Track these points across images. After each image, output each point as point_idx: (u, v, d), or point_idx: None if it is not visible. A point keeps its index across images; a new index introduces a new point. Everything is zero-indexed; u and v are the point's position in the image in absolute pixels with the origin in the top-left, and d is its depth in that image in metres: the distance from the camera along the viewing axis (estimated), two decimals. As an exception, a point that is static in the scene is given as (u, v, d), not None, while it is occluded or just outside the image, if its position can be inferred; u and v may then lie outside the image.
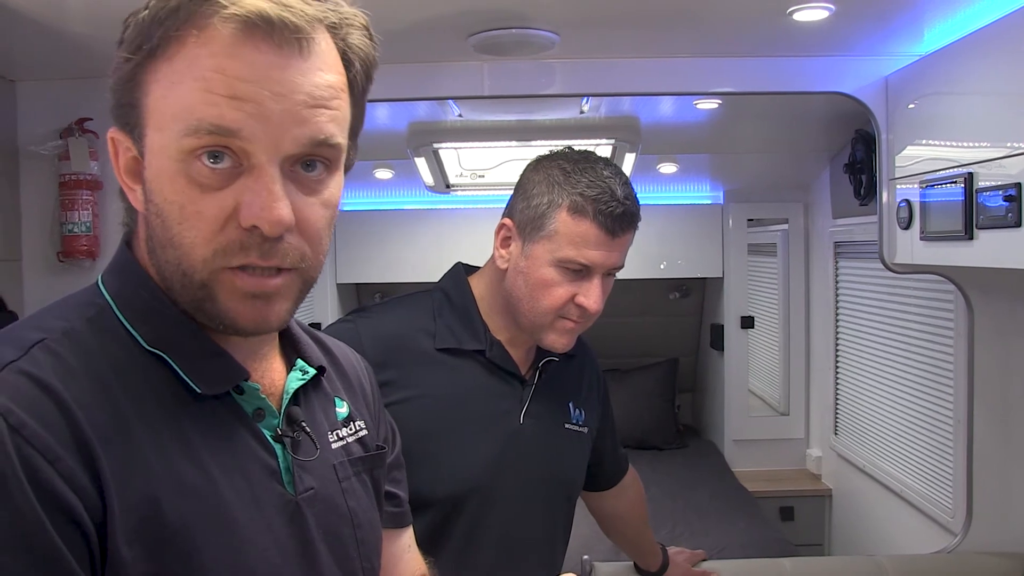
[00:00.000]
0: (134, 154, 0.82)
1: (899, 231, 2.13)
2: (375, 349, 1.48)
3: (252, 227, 0.78)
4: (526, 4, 1.78)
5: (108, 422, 0.76)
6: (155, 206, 0.80)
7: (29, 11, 1.72)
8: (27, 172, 2.26)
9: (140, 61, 0.79)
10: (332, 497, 0.94)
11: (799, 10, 1.79)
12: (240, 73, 0.76)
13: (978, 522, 2.29)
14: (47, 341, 0.77)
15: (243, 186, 0.78)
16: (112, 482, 0.73)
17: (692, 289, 4.58)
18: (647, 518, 2.04)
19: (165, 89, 0.78)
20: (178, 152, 0.77)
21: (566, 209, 1.45)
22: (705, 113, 2.94)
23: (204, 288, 0.81)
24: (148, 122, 0.80)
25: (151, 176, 0.80)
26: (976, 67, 1.84)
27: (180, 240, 0.79)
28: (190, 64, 0.77)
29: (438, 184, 3.56)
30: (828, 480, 3.81)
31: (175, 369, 0.83)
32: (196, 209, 0.78)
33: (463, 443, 1.52)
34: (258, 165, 0.78)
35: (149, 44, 0.78)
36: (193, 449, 0.81)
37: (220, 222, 0.78)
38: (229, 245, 0.79)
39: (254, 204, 0.78)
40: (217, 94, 0.76)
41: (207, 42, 0.76)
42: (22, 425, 0.70)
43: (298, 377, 0.95)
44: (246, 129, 0.76)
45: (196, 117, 0.76)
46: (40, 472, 0.70)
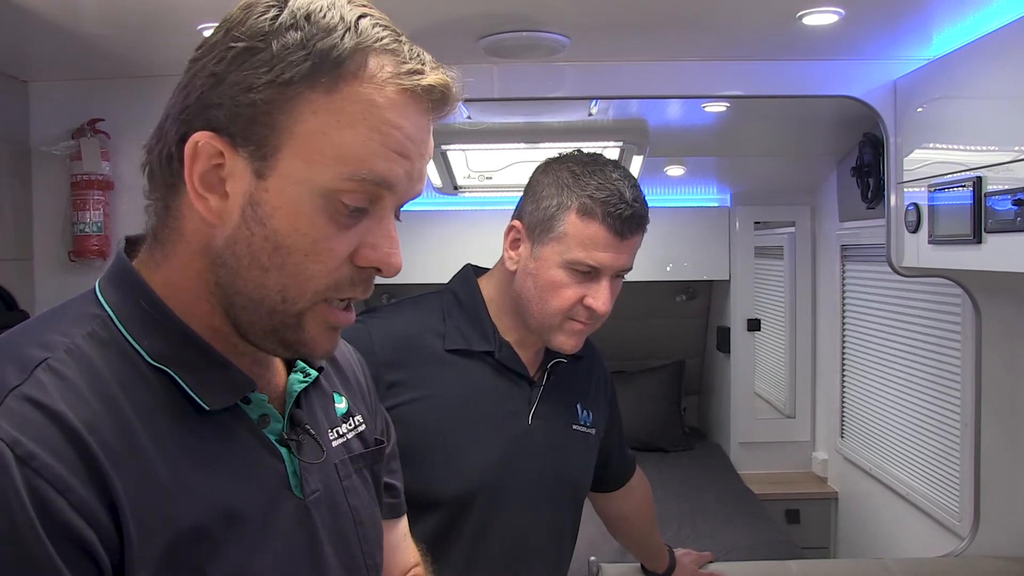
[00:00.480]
0: (221, 163, 0.79)
1: (907, 234, 2.13)
2: (386, 349, 1.49)
3: (368, 267, 0.82)
4: (537, 8, 1.79)
5: (118, 443, 0.74)
6: (270, 231, 0.79)
7: (43, 12, 1.73)
8: (39, 172, 2.28)
9: (303, 89, 0.77)
10: (335, 497, 0.94)
11: (808, 14, 1.80)
12: (411, 134, 0.81)
13: (985, 526, 2.29)
14: (50, 361, 0.75)
15: (367, 228, 0.82)
16: (127, 504, 0.72)
17: (699, 291, 4.58)
18: (654, 519, 2.04)
19: (326, 125, 0.78)
20: (329, 190, 0.78)
21: (575, 211, 1.45)
22: (713, 116, 2.95)
23: (297, 317, 0.82)
24: (288, 147, 0.78)
25: (276, 202, 0.79)
26: (985, 71, 1.85)
27: (298, 270, 0.80)
28: (366, 112, 0.78)
29: (446, 186, 3.57)
30: (834, 483, 3.81)
31: (180, 384, 0.81)
32: (329, 247, 0.80)
33: (471, 443, 1.53)
34: (384, 212, 0.82)
35: (323, 77, 0.77)
36: (203, 461, 0.80)
37: (343, 260, 0.81)
38: (342, 282, 0.82)
39: (380, 248, 0.82)
40: (391, 150, 0.79)
41: (388, 97, 0.79)
42: (31, 456, 0.69)
43: (300, 379, 0.95)
44: (400, 185, 0.82)
45: (368, 167, 0.79)
46: (51, 503, 0.68)
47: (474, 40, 1.94)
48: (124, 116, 2.26)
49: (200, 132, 0.79)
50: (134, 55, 2.04)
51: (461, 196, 3.71)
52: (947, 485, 2.67)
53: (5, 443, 0.68)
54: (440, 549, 1.47)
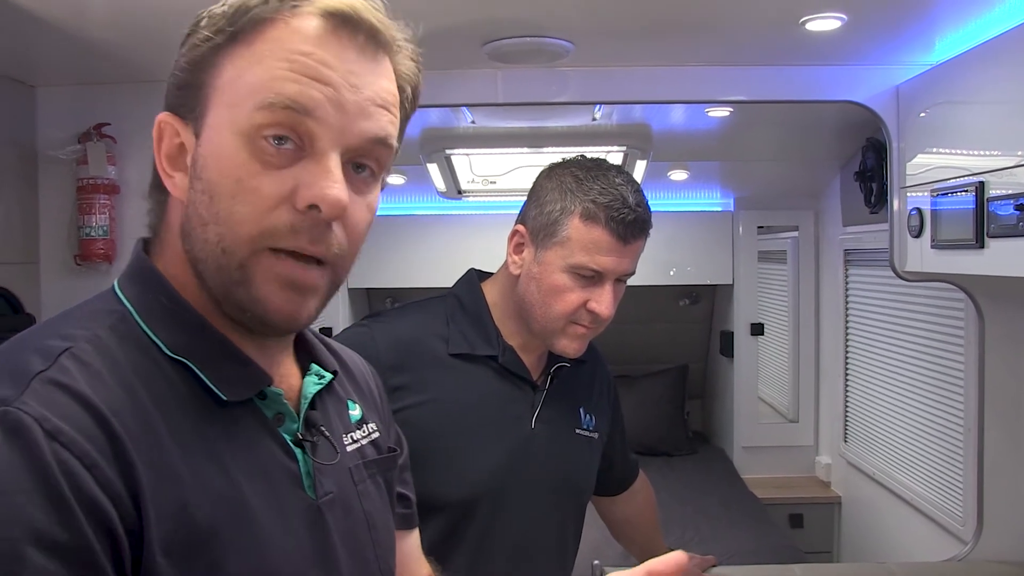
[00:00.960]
0: (181, 140, 0.83)
1: (910, 239, 2.13)
2: (390, 353, 1.49)
3: (308, 208, 0.79)
4: (541, 13, 1.79)
5: (139, 429, 0.75)
6: (204, 182, 0.80)
7: (50, 17, 1.74)
8: (45, 176, 2.29)
9: (220, 43, 0.81)
10: (349, 500, 0.94)
11: (811, 20, 1.80)
12: (324, 59, 0.80)
13: (989, 530, 2.29)
14: (73, 350, 0.76)
15: (303, 168, 0.80)
16: (147, 489, 0.73)
17: (702, 296, 4.58)
18: (658, 523, 2.05)
19: (242, 69, 0.80)
20: (248, 125, 0.79)
21: (578, 216, 1.46)
22: (716, 120, 2.96)
23: (241, 269, 0.80)
24: (213, 100, 0.81)
25: (206, 152, 0.81)
26: (987, 76, 1.85)
27: (228, 215, 0.79)
28: (275, 46, 0.79)
29: (450, 190, 3.58)
30: (837, 487, 3.81)
31: (198, 376, 0.82)
32: (254, 184, 0.79)
33: (475, 447, 1.54)
34: (321, 150, 0.80)
35: (232, 27, 0.80)
36: (218, 455, 0.80)
37: (275, 201, 0.79)
38: (280, 226, 0.79)
39: (315, 185, 0.79)
40: (300, 73, 0.79)
41: (296, 30, 0.80)
42: (58, 431, 0.69)
43: (315, 381, 0.96)
44: (320, 110, 0.79)
45: (275, 91, 0.78)
46: (78, 477, 0.69)
47: (479, 45, 1.95)
48: (130, 120, 2.27)
49: (161, 114, 0.85)
50: (141, 60, 2.04)
51: (465, 200, 3.71)
52: (950, 489, 2.67)
53: (33, 418, 0.69)
54: (443, 553, 1.48)
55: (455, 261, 1.85)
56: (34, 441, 0.68)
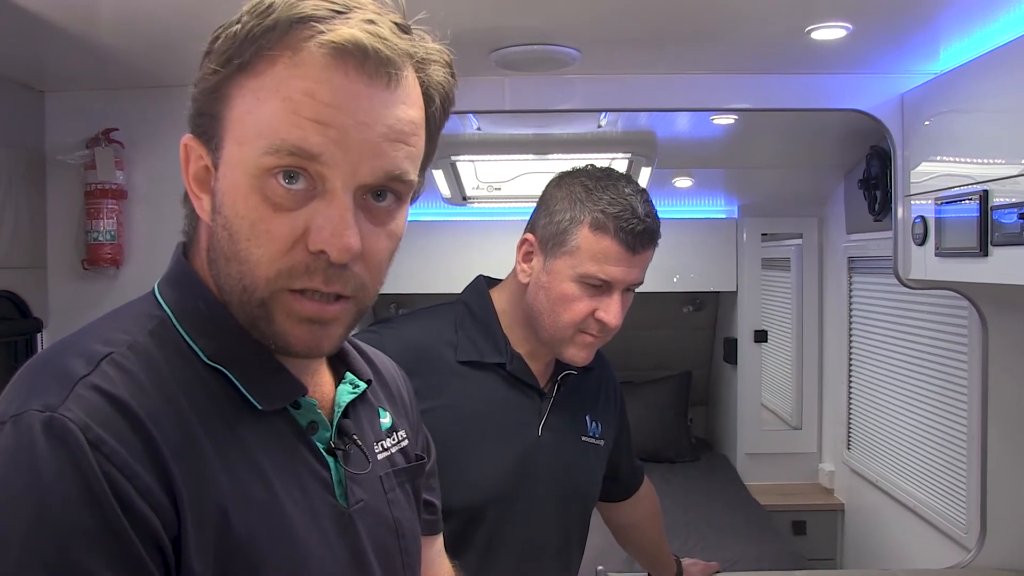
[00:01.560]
0: (206, 163, 0.82)
1: (914, 247, 2.14)
2: (400, 359, 1.49)
3: (320, 251, 0.78)
4: (548, 21, 1.80)
5: (178, 436, 0.75)
6: (224, 219, 0.80)
7: (60, 23, 1.75)
8: (54, 181, 2.30)
9: (228, 74, 0.79)
10: (379, 508, 0.95)
11: (817, 29, 1.81)
12: (328, 99, 0.76)
13: (992, 538, 2.29)
14: (114, 355, 0.77)
15: (315, 209, 0.78)
16: (186, 496, 0.74)
17: (706, 303, 4.59)
18: (662, 530, 2.05)
19: (250, 104, 0.78)
20: (256, 168, 0.77)
21: (588, 225, 1.46)
22: (721, 128, 2.97)
23: (262, 307, 0.80)
24: (227, 135, 0.80)
25: (223, 188, 0.80)
26: (992, 86, 1.86)
27: (246, 256, 0.79)
28: (279, 83, 0.77)
29: (455, 196, 3.59)
30: (841, 494, 3.81)
31: (235, 384, 0.83)
32: (267, 227, 0.78)
33: (483, 454, 1.54)
34: (332, 191, 0.78)
35: (240, 59, 0.78)
36: (255, 462, 0.81)
37: (289, 242, 0.78)
38: (295, 267, 0.79)
39: (324, 229, 0.77)
40: (303, 116, 0.76)
41: (299, 64, 0.76)
42: (101, 442, 0.70)
43: (349, 391, 0.96)
44: (327, 154, 0.76)
45: (280, 137, 0.76)
46: (120, 488, 0.70)
47: (486, 53, 1.96)
48: (138, 126, 2.28)
49: (186, 135, 0.84)
50: (149, 66, 2.06)
51: (470, 207, 3.72)
52: (954, 497, 2.68)
53: (78, 427, 0.70)
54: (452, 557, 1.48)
55: (459, 267, 1.86)
56: (80, 449, 0.69)
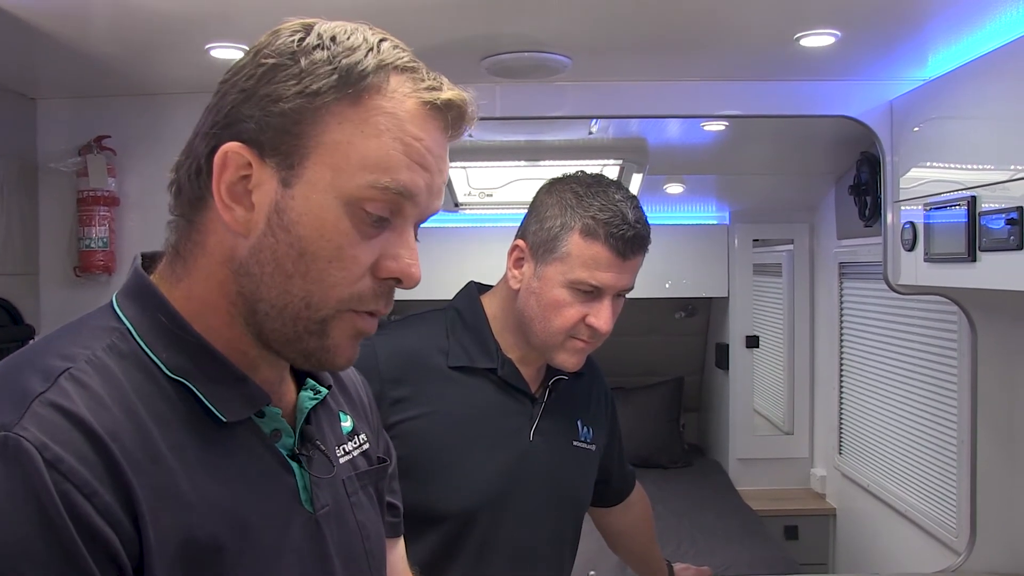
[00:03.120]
0: (248, 174, 0.82)
1: (903, 252, 2.15)
2: (391, 366, 1.51)
3: (391, 279, 0.85)
4: (540, 29, 1.81)
5: (139, 451, 0.75)
6: (295, 238, 0.81)
7: (51, 31, 1.76)
8: (46, 188, 2.30)
9: (328, 100, 0.81)
10: (343, 512, 0.96)
11: (806, 36, 1.82)
12: (431, 147, 0.84)
13: (982, 541, 2.30)
14: (72, 370, 0.76)
15: (387, 240, 0.84)
16: (147, 512, 0.73)
17: (698, 308, 4.60)
18: (654, 535, 2.05)
19: (352, 135, 0.81)
20: (353, 197, 0.81)
21: (578, 232, 1.47)
22: (712, 135, 2.98)
23: (322, 324, 0.84)
24: (315, 156, 0.81)
25: (301, 208, 0.81)
26: (980, 92, 1.88)
27: (322, 276, 0.82)
28: (390, 121, 0.81)
29: (447, 202, 3.58)
30: (832, 499, 3.82)
31: (198, 396, 0.83)
32: (353, 254, 0.82)
33: (474, 459, 1.55)
34: (405, 224, 0.85)
35: (349, 89, 0.81)
36: (219, 472, 0.81)
37: (366, 269, 0.83)
38: (365, 293, 0.84)
39: (401, 260, 0.84)
40: (412, 159, 0.82)
41: (409, 111, 0.82)
42: (58, 460, 0.70)
43: (310, 396, 0.97)
44: (421, 197, 0.84)
45: (391, 176, 0.81)
46: (78, 508, 0.69)
47: (477, 60, 1.97)
48: (130, 133, 2.28)
49: (230, 143, 0.82)
50: (141, 73, 2.06)
51: (462, 213, 3.73)
52: (944, 501, 2.69)
53: (34, 447, 0.69)
54: (442, 564, 1.49)
55: (452, 273, 1.86)
56: (35, 470, 0.69)
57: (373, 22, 0.90)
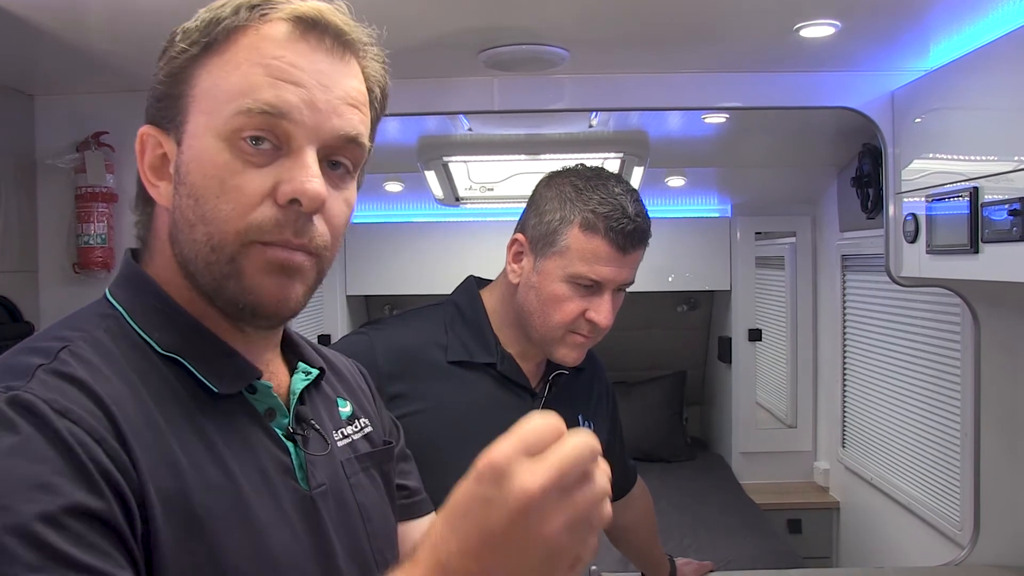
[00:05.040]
0: (163, 151, 0.87)
1: (905, 244, 2.14)
2: (389, 361, 1.50)
3: (289, 203, 0.83)
4: (537, 21, 1.80)
5: (137, 417, 0.78)
6: (188, 186, 0.84)
7: (49, 27, 1.75)
8: (44, 184, 2.29)
9: (195, 54, 0.85)
10: (342, 492, 0.96)
11: (806, 27, 1.81)
12: (295, 62, 0.84)
13: (986, 535, 2.30)
14: (70, 347, 0.80)
15: (282, 166, 0.84)
16: (147, 473, 0.76)
17: (700, 302, 4.59)
18: (656, 529, 2.05)
19: (218, 78, 0.84)
20: (226, 130, 0.83)
21: (578, 225, 1.46)
22: (713, 127, 2.97)
23: (232, 263, 0.84)
24: (192, 109, 0.85)
25: (188, 158, 0.85)
26: (982, 82, 1.86)
27: (215, 214, 0.83)
28: (249, 52, 0.84)
29: (447, 197, 3.59)
30: (836, 493, 3.82)
31: (191, 371, 0.86)
32: (236, 183, 0.83)
33: (474, 455, 1.52)
34: (298, 148, 0.84)
35: (206, 39, 0.85)
36: (213, 447, 0.83)
37: (258, 197, 0.83)
38: (264, 221, 0.83)
39: (295, 180, 0.83)
40: (275, 78, 0.83)
41: (266, 35, 0.84)
42: (67, 410, 0.73)
43: (302, 378, 0.99)
44: (295, 112, 0.83)
45: (252, 97, 0.82)
46: (91, 449, 0.72)
47: (474, 53, 1.96)
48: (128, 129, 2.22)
49: (143, 127, 0.89)
50: (139, 69, 2.04)
51: (463, 207, 3.72)
52: (947, 494, 2.68)
53: (41, 399, 0.73)
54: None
55: (453, 268, 1.86)
56: (47, 417, 0.72)
57: (368, 15, 0.91)
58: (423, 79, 2.16)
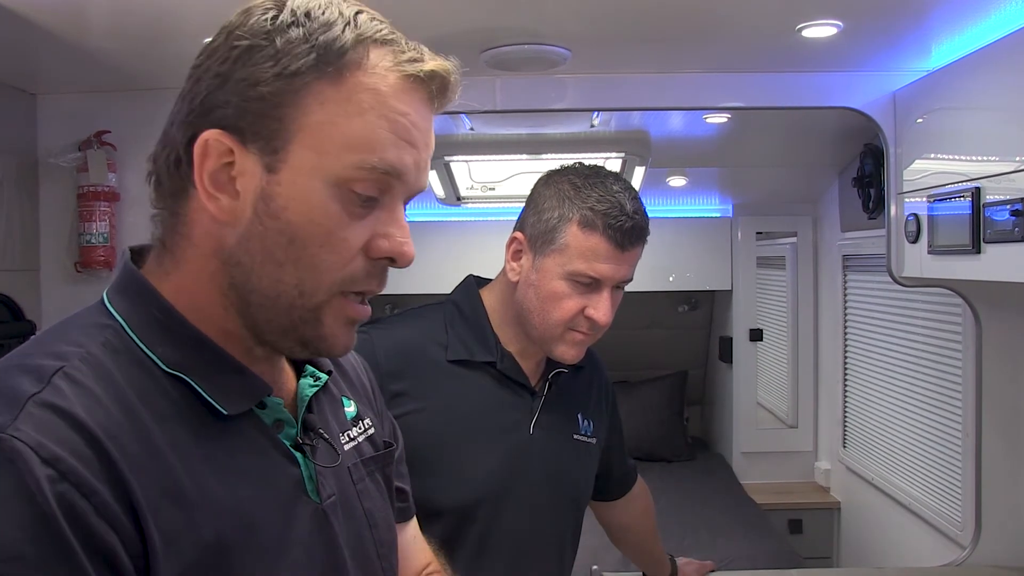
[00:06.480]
0: (231, 161, 0.80)
1: (907, 245, 2.14)
2: (389, 360, 1.50)
3: (384, 258, 0.83)
4: (539, 21, 1.80)
5: (137, 449, 0.74)
6: (284, 224, 0.79)
7: (51, 26, 1.75)
8: (46, 184, 2.30)
9: (307, 81, 0.78)
10: (350, 501, 0.95)
11: (808, 27, 1.81)
12: (417, 122, 0.82)
13: (987, 535, 2.29)
14: (66, 368, 0.75)
15: (378, 219, 0.83)
16: (147, 510, 0.72)
17: (701, 302, 4.59)
18: (656, 529, 2.05)
19: (335, 115, 0.79)
20: (339, 179, 0.79)
21: (576, 223, 1.46)
22: (714, 127, 2.97)
23: (315, 311, 0.82)
24: (298, 140, 0.79)
25: (288, 194, 0.79)
26: (984, 83, 1.86)
27: (315, 261, 0.80)
28: (373, 98, 0.79)
29: (449, 197, 3.58)
30: (837, 493, 3.82)
31: (197, 390, 0.81)
32: (343, 236, 0.81)
33: (474, 453, 1.54)
34: (395, 203, 0.84)
35: (329, 67, 0.79)
36: (221, 467, 0.80)
37: (357, 250, 0.82)
38: (358, 274, 0.82)
39: (394, 238, 0.83)
40: (400, 137, 0.80)
41: (392, 85, 0.80)
42: (55, 460, 0.68)
43: (311, 384, 0.95)
44: (409, 174, 0.83)
45: (378, 155, 0.79)
46: (75, 508, 0.68)
47: (476, 53, 1.96)
48: (130, 128, 2.27)
49: (209, 131, 0.79)
50: (141, 68, 2.05)
51: (464, 207, 3.72)
52: (949, 494, 2.68)
53: (30, 447, 0.68)
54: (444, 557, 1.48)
55: (454, 268, 1.85)
56: (29, 472, 0.67)
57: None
58: (425, 78, 2.15)
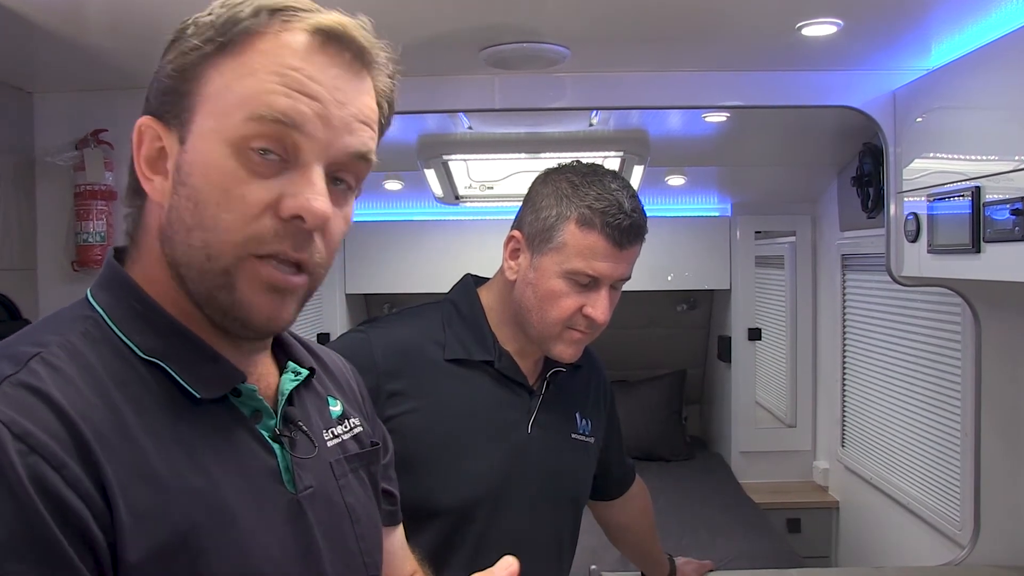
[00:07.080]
0: (161, 144, 0.85)
1: (906, 244, 2.14)
2: (386, 359, 1.50)
3: (292, 218, 0.81)
4: (538, 19, 1.80)
5: (110, 430, 0.76)
6: (190, 189, 0.82)
7: (48, 24, 1.75)
8: (43, 182, 2.29)
9: (207, 53, 0.82)
10: (330, 494, 0.95)
11: (807, 26, 1.81)
12: (313, 75, 0.82)
13: (986, 535, 2.29)
14: (43, 354, 0.77)
15: (288, 180, 0.82)
16: (117, 487, 0.74)
17: (700, 301, 4.59)
18: (654, 528, 2.05)
19: (231, 80, 0.82)
20: (235, 136, 0.81)
21: (574, 221, 1.46)
22: (713, 126, 2.96)
23: (226, 275, 0.82)
24: (200, 109, 0.83)
25: (192, 159, 0.82)
26: (984, 82, 1.86)
27: (215, 222, 0.81)
28: (265, 59, 0.82)
29: (447, 195, 3.58)
30: (835, 492, 3.81)
31: (173, 376, 0.83)
32: (240, 193, 0.81)
33: (472, 452, 1.54)
34: (306, 163, 0.82)
35: (222, 38, 0.82)
36: (195, 453, 0.81)
37: (260, 209, 0.81)
38: (264, 233, 0.82)
39: (300, 196, 0.81)
40: (290, 88, 0.81)
41: (285, 43, 0.82)
42: (26, 434, 0.71)
43: (291, 378, 0.97)
44: (309, 125, 0.82)
45: (266, 104, 0.80)
46: (46, 479, 0.70)
47: (475, 51, 1.96)
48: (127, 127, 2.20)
49: (141, 118, 0.86)
50: (138, 66, 2.03)
51: (462, 206, 3.72)
52: (948, 494, 2.68)
53: (2, 423, 0.70)
54: (441, 558, 1.48)
55: (453, 267, 1.85)
56: (1, 446, 0.69)
57: (369, 13, 0.89)
58: (424, 77, 2.15)
